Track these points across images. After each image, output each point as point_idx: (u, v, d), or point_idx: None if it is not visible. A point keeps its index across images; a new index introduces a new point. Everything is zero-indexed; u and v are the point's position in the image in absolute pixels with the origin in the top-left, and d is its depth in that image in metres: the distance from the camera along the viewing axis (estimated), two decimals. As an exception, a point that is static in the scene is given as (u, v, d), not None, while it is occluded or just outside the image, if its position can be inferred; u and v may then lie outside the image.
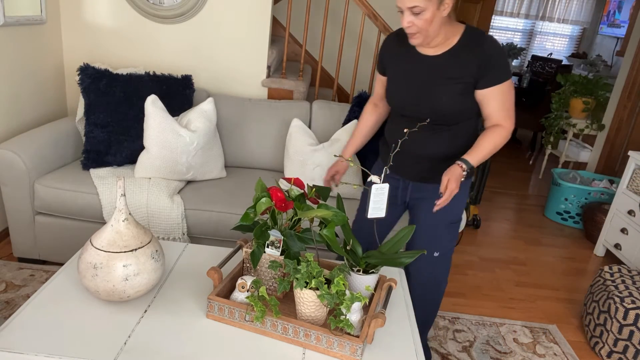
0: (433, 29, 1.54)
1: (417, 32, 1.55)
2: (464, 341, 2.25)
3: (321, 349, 1.32)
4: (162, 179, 2.37)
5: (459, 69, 1.61)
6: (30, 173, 2.25)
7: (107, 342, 1.28)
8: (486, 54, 1.59)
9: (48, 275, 2.36)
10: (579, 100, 4.43)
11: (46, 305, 1.40)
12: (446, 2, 1.51)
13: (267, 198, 1.45)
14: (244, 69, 2.97)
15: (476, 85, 1.62)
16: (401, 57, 1.72)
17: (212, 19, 2.87)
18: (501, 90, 1.62)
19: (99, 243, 1.36)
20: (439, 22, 1.54)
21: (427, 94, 1.66)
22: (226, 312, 1.39)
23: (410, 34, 1.58)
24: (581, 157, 4.45)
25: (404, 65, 1.71)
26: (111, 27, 2.88)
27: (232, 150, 2.75)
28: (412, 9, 1.49)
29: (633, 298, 2.15)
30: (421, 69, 1.67)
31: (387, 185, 1.54)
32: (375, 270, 1.51)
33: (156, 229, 2.26)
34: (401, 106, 1.74)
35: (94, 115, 2.44)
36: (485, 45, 1.59)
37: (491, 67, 1.59)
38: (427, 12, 1.50)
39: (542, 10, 7.31)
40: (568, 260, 3.23)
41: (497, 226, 3.64)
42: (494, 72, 1.60)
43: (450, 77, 1.62)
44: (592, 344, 2.32)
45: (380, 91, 1.91)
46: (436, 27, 1.55)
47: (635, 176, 3.03)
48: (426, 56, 1.67)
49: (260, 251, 1.47)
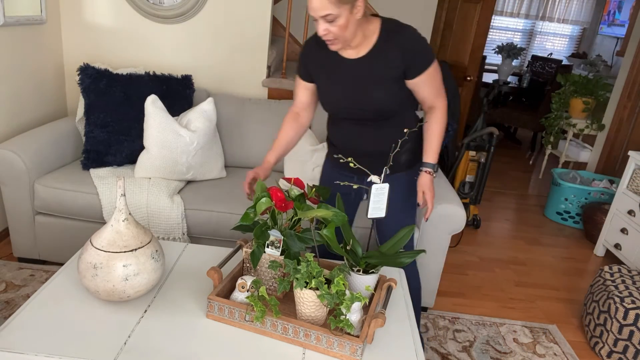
0: (349, 33, 1.53)
1: (334, 38, 1.54)
2: (464, 341, 2.25)
3: (321, 349, 1.32)
4: (162, 179, 2.37)
5: (386, 66, 1.63)
6: (30, 173, 2.25)
7: (107, 342, 1.28)
8: (407, 42, 1.60)
9: (48, 275, 2.36)
10: (579, 100, 4.42)
11: (46, 305, 1.40)
12: (358, 4, 1.50)
13: (267, 198, 1.45)
14: (244, 69, 2.97)
15: (405, 76, 1.64)
16: (326, 62, 1.70)
17: (212, 19, 2.87)
18: (429, 74, 1.65)
19: (99, 243, 1.36)
20: (354, 25, 1.53)
21: (363, 97, 1.67)
22: (226, 312, 1.39)
23: (328, 41, 1.56)
24: (581, 157, 4.45)
25: (332, 70, 1.69)
26: (111, 27, 2.88)
27: (232, 150, 2.74)
28: (326, 17, 1.47)
29: (633, 298, 2.15)
30: (350, 73, 1.66)
31: (387, 185, 1.54)
32: (375, 270, 1.51)
33: (156, 229, 2.26)
34: (340, 111, 1.74)
35: (94, 115, 2.44)
36: (405, 34, 1.61)
37: (415, 55, 1.61)
38: (341, 18, 1.48)
39: (542, 10, 7.31)
40: (568, 260, 3.23)
41: (497, 226, 3.64)
42: (418, 59, 1.62)
43: (380, 77, 1.64)
44: (592, 344, 2.32)
45: (304, 99, 1.83)
46: (352, 31, 1.54)
47: (635, 176, 3.03)
48: (351, 60, 1.65)
49: (260, 251, 1.47)
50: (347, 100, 1.69)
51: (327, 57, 1.68)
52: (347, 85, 1.67)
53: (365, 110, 1.68)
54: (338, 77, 1.68)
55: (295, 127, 1.84)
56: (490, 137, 3.27)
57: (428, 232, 2.24)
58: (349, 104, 1.69)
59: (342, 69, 1.67)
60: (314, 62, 1.72)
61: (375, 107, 1.67)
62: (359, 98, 1.67)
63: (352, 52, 1.65)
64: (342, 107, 1.72)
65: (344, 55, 1.66)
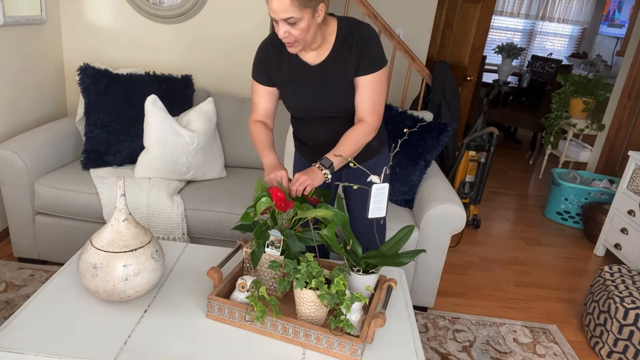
0: (310, 36, 1.52)
1: (294, 41, 1.52)
2: (464, 341, 2.25)
3: (321, 349, 1.32)
4: (162, 179, 2.37)
5: (345, 70, 1.62)
6: (30, 173, 2.25)
7: (107, 342, 1.28)
8: (363, 43, 1.59)
9: (48, 275, 2.36)
10: (579, 100, 4.43)
11: (46, 305, 1.40)
12: (320, 9, 1.49)
13: (267, 198, 1.45)
14: (244, 69, 2.97)
15: (355, 73, 1.62)
16: (288, 67, 1.68)
17: (212, 18, 2.87)
18: (373, 80, 1.61)
19: (99, 243, 1.36)
20: (315, 28, 1.52)
21: (326, 99, 1.67)
22: (226, 312, 1.39)
23: (288, 44, 1.54)
24: (581, 157, 4.45)
25: (295, 75, 1.67)
26: (111, 27, 2.88)
27: (232, 150, 2.74)
28: (287, 19, 1.46)
29: (633, 298, 2.15)
30: (312, 78, 1.65)
31: (387, 185, 1.54)
32: (375, 270, 1.51)
33: (156, 229, 2.26)
34: (306, 114, 1.74)
35: (94, 115, 2.44)
36: (361, 35, 1.60)
37: (365, 54, 1.59)
38: (303, 21, 1.47)
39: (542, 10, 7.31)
40: (568, 260, 3.23)
41: (497, 226, 3.64)
42: (367, 59, 1.59)
43: (341, 81, 1.63)
44: (592, 344, 2.32)
45: (267, 105, 1.75)
46: (313, 34, 1.53)
47: (635, 176, 3.03)
48: (312, 66, 1.64)
49: (260, 251, 1.47)
50: (311, 102, 1.69)
51: (289, 62, 1.66)
52: (311, 89, 1.67)
53: (329, 111, 1.70)
54: (301, 81, 1.67)
55: (268, 131, 1.75)
56: (490, 137, 3.27)
57: (428, 232, 2.24)
58: (313, 106, 1.70)
59: (305, 73, 1.66)
60: (274, 66, 1.69)
61: (338, 108, 1.68)
62: (323, 100, 1.67)
63: (312, 54, 1.64)
64: (306, 109, 1.72)
65: (304, 58, 1.65)
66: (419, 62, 3.24)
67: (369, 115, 1.64)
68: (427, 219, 2.22)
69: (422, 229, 2.25)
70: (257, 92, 1.74)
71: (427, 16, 4.19)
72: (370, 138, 1.67)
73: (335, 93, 1.65)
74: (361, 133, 1.64)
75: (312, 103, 1.69)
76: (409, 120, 2.52)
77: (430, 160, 2.45)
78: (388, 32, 2.99)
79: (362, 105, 1.64)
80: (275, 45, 1.67)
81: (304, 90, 1.68)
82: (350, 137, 1.63)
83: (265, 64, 1.70)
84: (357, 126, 1.65)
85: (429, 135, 2.46)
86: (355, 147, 1.64)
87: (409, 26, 4.18)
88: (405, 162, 2.43)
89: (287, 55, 1.65)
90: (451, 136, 3.40)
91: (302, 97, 1.69)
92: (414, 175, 2.43)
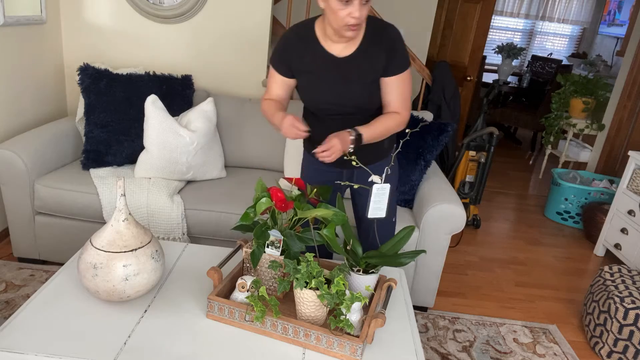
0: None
1: (360, 23, 1.52)
2: (464, 341, 2.25)
3: (321, 349, 1.32)
4: (162, 179, 2.37)
5: (371, 66, 1.64)
6: (30, 173, 2.25)
7: (107, 342, 1.28)
8: (390, 40, 1.63)
9: (48, 275, 2.36)
10: (579, 100, 4.43)
11: (46, 305, 1.40)
12: None
13: (267, 198, 1.45)
14: (244, 69, 2.97)
15: (383, 73, 1.65)
16: (311, 57, 1.67)
17: (212, 19, 2.87)
18: (402, 79, 1.66)
19: (99, 243, 1.36)
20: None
21: (348, 94, 1.67)
22: (226, 312, 1.39)
23: (356, 27, 1.52)
24: (581, 157, 4.45)
25: (319, 67, 1.67)
26: (111, 27, 2.88)
27: (232, 150, 2.74)
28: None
29: (633, 298, 2.15)
30: (337, 71, 1.66)
31: (388, 185, 1.54)
32: (375, 270, 1.51)
33: (156, 229, 2.26)
34: (323, 107, 1.73)
35: (94, 115, 2.44)
36: (390, 34, 1.63)
37: (395, 54, 1.63)
38: (370, 2, 1.49)
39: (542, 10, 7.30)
40: (568, 260, 3.23)
41: (497, 226, 3.64)
42: (397, 60, 1.63)
43: (367, 75, 1.65)
44: (592, 344, 2.32)
45: (281, 93, 1.76)
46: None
47: (635, 176, 3.03)
48: (340, 58, 1.65)
49: (260, 251, 1.47)
50: (331, 96, 1.68)
51: (314, 53, 1.66)
52: (333, 81, 1.66)
53: (347, 106, 1.69)
54: (325, 73, 1.66)
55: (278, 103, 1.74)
56: (490, 137, 3.27)
57: (428, 232, 2.24)
58: (332, 99, 1.69)
59: (329, 65, 1.65)
60: (298, 56, 1.68)
61: (356, 103, 1.68)
62: (345, 95, 1.67)
63: (340, 46, 1.63)
64: (324, 102, 1.71)
65: (330, 50, 1.65)
66: (419, 62, 3.25)
67: (403, 109, 1.70)
68: (427, 219, 2.22)
69: (422, 229, 2.25)
70: (274, 79, 1.75)
71: (427, 16, 4.19)
72: (400, 129, 1.72)
73: (357, 87, 1.66)
74: (394, 121, 1.68)
75: (331, 96, 1.69)
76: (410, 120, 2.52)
77: (430, 160, 2.45)
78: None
79: (395, 102, 1.69)
80: (301, 36, 1.67)
81: (326, 82, 1.67)
82: (382, 121, 1.67)
83: (288, 54, 1.68)
84: (390, 114, 1.69)
85: (429, 135, 2.46)
86: (385, 132, 1.68)
87: (409, 26, 4.18)
88: (405, 162, 2.43)
89: (312, 46, 1.65)
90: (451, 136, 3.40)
91: (323, 90, 1.69)
92: (414, 175, 2.43)
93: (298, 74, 1.70)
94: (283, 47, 1.69)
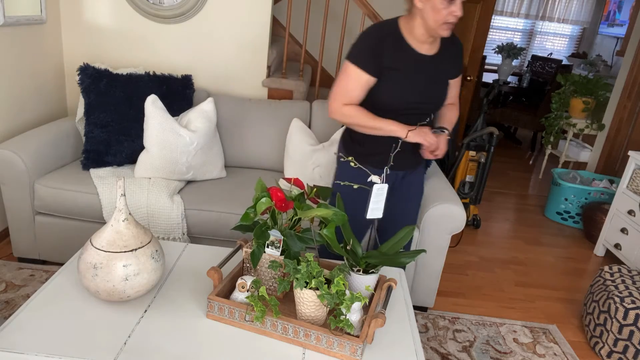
0: None
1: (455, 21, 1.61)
2: (464, 341, 2.25)
3: (321, 349, 1.32)
4: (162, 179, 2.37)
5: (451, 65, 1.77)
6: (30, 173, 2.25)
7: (107, 342, 1.28)
8: (459, 44, 1.79)
9: (48, 275, 2.36)
10: (579, 100, 4.42)
11: (46, 305, 1.40)
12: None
13: (267, 198, 1.45)
14: (244, 69, 2.97)
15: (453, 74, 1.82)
16: (401, 55, 1.67)
17: (212, 19, 2.87)
18: (460, 78, 1.88)
19: (99, 243, 1.36)
20: None
21: (433, 93, 1.74)
22: (226, 312, 1.39)
23: (450, 25, 1.61)
24: (581, 157, 4.45)
25: (409, 65, 1.68)
26: (111, 27, 2.88)
27: (232, 150, 2.74)
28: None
29: (633, 298, 2.15)
30: (426, 69, 1.71)
31: (386, 186, 1.54)
32: (375, 270, 1.51)
33: (156, 229, 2.26)
34: (406, 106, 1.73)
35: (94, 115, 2.44)
36: (456, 37, 1.79)
37: (461, 57, 1.82)
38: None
39: (542, 10, 7.30)
40: (568, 260, 3.23)
41: (497, 226, 3.64)
42: (461, 63, 1.82)
43: (448, 74, 1.78)
44: (592, 344, 2.32)
45: (360, 96, 1.70)
46: None
47: (635, 176, 3.03)
48: (428, 56, 1.70)
49: (260, 251, 1.47)
50: (416, 95, 1.71)
51: (403, 52, 1.68)
52: (422, 80, 1.71)
53: (429, 104, 1.75)
54: (413, 72, 1.69)
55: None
56: (490, 137, 3.27)
57: (428, 232, 2.24)
58: (416, 99, 1.72)
59: (419, 64, 1.69)
60: (390, 54, 1.66)
61: (437, 101, 1.77)
62: (429, 94, 1.73)
63: (425, 47, 1.70)
64: (409, 101, 1.72)
65: (419, 50, 1.69)
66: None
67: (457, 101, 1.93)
68: (427, 219, 2.22)
69: (422, 229, 2.25)
70: (357, 80, 1.67)
71: (427, 16, 4.18)
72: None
73: (441, 86, 1.75)
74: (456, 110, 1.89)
75: (416, 96, 1.72)
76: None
77: (430, 160, 2.45)
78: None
79: (454, 97, 1.89)
80: (392, 33, 1.68)
81: (414, 81, 1.70)
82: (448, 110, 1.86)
83: (380, 51, 1.66)
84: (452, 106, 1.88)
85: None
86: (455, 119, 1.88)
87: (409, 26, 4.17)
88: (405, 162, 2.43)
89: (400, 44, 1.68)
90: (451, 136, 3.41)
91: (409, 88, 1.70)
92: (414, 175, 2.43)
93: (387, 71, 1.67)
94: (373, 45, 1.66)
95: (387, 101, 1.73)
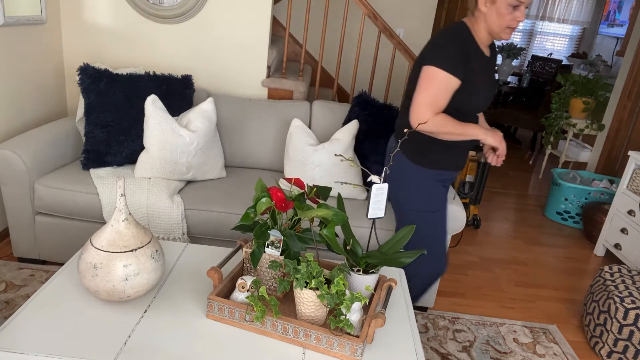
0: None
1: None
2: (464, 341, 2.25)
3: (321, 349, 1.32)
4: (162, 179, 2.37)
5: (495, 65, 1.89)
6: (30, 173, 2.25)
7: (107, 342, 1.28)
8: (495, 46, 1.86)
9: (48, 275, 2.36)
10: (579, 100, 4.43)
11: (46, 305, 1.40)
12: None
13: (267, 198, 1.45)
14: (244, 69, 2.97)
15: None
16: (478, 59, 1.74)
17: (212, 19, 2.87)
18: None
19: (99, 243, 1.36)
20: None
21: (491, 93, 1.83)
22: (226, 312, 1.39)
23: (512, 30, 1.67)
24: (581, 157, 4.45)
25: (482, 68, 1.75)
26: (111, 27, 2.88)
27: (232, 150, 2.74)
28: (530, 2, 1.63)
29: (633, 298, 2.15)
30: (489, 69, 1.80)
31: (386, 185, 1.54)
32: (375, 270, 1.51)
33: (156, 229, 2.26)
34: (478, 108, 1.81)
35: (94, 115, 2.44)
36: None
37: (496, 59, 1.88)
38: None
39: (542, 10, 7.30)
40: (568, 260, 3.23)
41: (497, 226, 3.64)
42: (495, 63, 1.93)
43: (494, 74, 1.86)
44: (592, 344, 2.32)
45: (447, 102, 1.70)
46: None
47: (635, 176, 3.03)
48: (488, 57, 1.80)
49: (260, 251, 1.47)
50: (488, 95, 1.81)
51: (478, 55, 1.74)
52: (490, 81, 1.80)
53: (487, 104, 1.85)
54: (486, 74, 1.77)
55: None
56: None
57: (428, 232, 2.24)
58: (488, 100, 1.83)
59: (485, 65, 1.77)
60: (473, 57, 1.69)
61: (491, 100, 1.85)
62: (491, 94, 1.83)
63: (486, 49, 1.77)
64: (482, 103, 1.80)
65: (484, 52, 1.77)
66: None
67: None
68: (427, 219, 2.22)
69: (422, 229, 2.25)
70: (447, 86, 1.66)
71: (427, 16, 4.19)
72: None
73: (495, 87, 1.85)
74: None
75: (489, 96, 1.82)
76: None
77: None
78: (388, 32, 2.99)
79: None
80: (469, 36, 1.70)
81: (486, 82, 1.78)
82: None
83: (467, 54, 1.68)
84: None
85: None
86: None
87: (409, 26, 4.18)
88: (405, 162, 2.43)
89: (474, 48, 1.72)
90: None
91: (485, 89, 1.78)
92: (414, 175, 2.43)
93: (473, 75, 1.69)
94: (461, 48, 1.67)
95: (473, 104, 1.74)
